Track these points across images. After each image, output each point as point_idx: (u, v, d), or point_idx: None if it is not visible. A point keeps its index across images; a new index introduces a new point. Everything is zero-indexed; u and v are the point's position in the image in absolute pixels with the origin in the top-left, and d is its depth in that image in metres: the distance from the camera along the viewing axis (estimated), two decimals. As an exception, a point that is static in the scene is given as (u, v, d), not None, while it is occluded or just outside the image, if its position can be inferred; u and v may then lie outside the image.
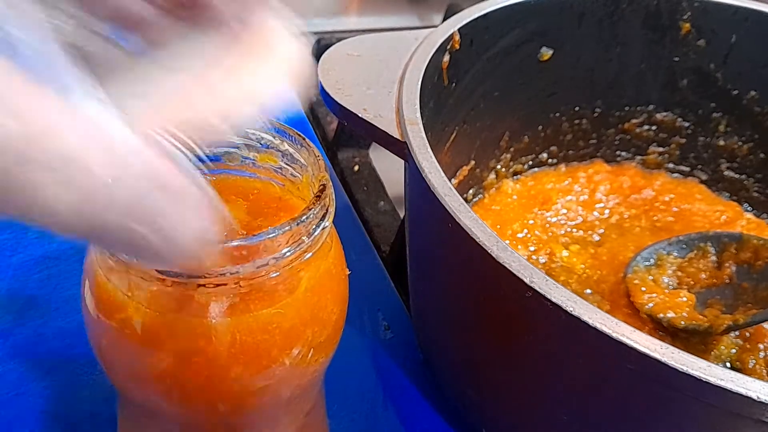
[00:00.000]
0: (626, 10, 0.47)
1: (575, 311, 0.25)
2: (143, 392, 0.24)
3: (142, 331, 0.22)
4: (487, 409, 0.37)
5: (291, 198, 0.26)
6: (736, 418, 0.25)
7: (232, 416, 0.25)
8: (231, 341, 0.22)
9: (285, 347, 0.24)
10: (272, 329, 0.23)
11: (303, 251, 0.22)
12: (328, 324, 0.26)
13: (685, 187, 0.53)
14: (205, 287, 0.21)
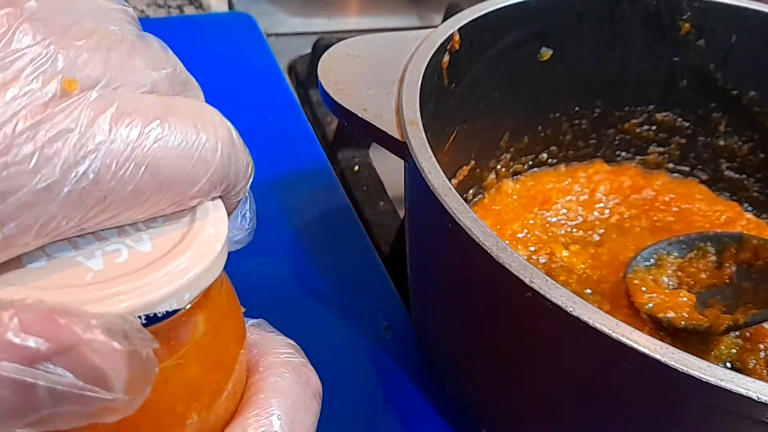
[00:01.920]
0: (626, 10, 0.47)
1: (575, 311, 0.25)
2: None
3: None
4: (487, 409, 0.37)
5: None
6: (737, 419, 0.25)
7: None
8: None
9: (191, 399, 0.21)
10: (173, 384, 0.20)
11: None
12: (230, 366, 0.22)
13: (685, 187, 0.53)
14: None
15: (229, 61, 0.67)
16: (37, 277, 0.18)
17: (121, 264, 0.18)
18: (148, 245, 0.19)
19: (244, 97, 0.61)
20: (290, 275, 0.46)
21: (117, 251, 0.19)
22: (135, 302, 0.18)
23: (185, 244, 0.19)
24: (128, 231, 0.19)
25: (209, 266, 0.19)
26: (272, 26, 0.79)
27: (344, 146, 0.60)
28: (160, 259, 0.19)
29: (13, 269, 0.18)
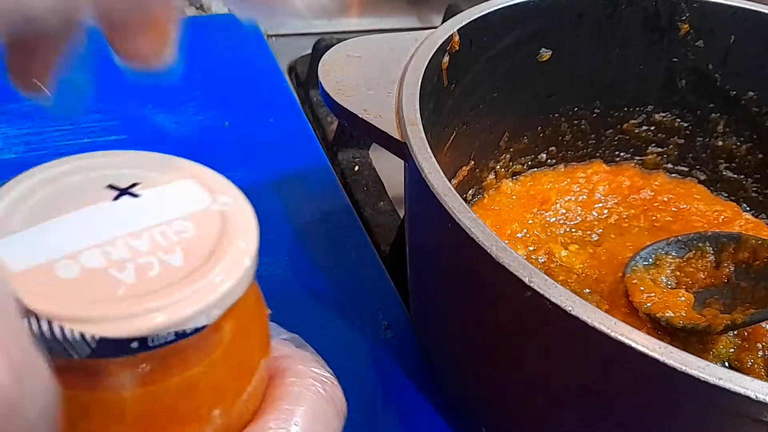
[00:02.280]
0: (625, 11, 0.47)
1: (574, 311, 0.25)
2: None
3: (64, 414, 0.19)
4: (487, 409, 0.37)
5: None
6: (735, 418, 0.25)
7: None
8: (158, 410, 0.20)
9: (216, 403, 0.21)
10: (199, 389, 0.20)
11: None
12: (251, 370, 0.23)
13: (683, 187, 0.53)
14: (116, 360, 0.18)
15: (230, 62, 0.67)
16: (70, 289, 0.18)
17: (152, 278, 0.18)
18: (179, 258, 0.19)
19: (244, 97, 0.61)
20: (290, 275, 0.47)
21: (149, 264, 0.19)
22: (165, 319, 0.18)
23: (216, 259, 0.19)
24: (160, 242, 0.19)
25: (238, 282, 0.19)
26: (272, 27, 0.79)
27: (344, 146, 0.60)
28: (191, 274, 0.19)
29: (45, 280, 0.18)
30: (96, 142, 0.54)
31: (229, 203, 0.21)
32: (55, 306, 0.17)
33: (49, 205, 0.20)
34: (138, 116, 0.56)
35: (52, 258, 0.18)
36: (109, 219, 0.20)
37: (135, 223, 0.20)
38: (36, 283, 0.18)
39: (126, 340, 0.17)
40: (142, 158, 0.22)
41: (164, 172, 0.22)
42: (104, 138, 0.55)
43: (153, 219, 0.20)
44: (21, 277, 0.18)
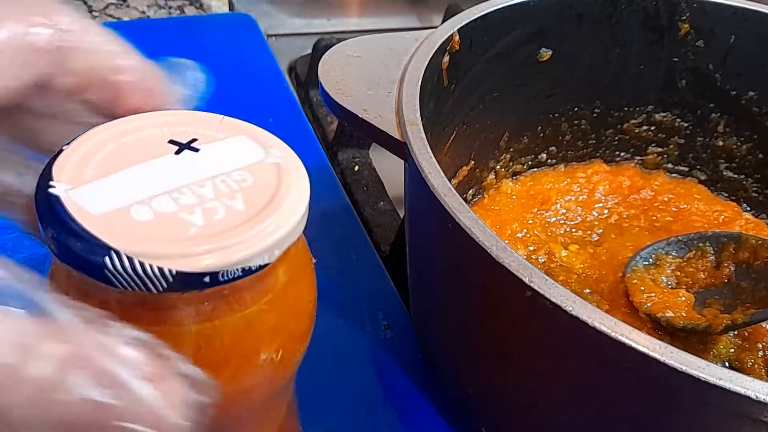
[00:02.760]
0: (625, 11, 0.47)
1: (574, 311, 0.25)
2: None
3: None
4: (487, 409, 0.37)
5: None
6: (735, 418, 0.25)
7: (221, 420, 0.23)
8: (220, 345, 0.22)
9: (273, 342, 0.23)
10: (260, 326, 0.23)
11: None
12: (306, 314, 0.25)
13: (683, 187, 0.53)
14: (179, 296, 0.20)
15: (230, 61, 0.67)
16: (145, 230, 0.19)
17: (219, 220, 0.20)
18: (241, 204, 0.21)
19: (244, 97, 0.61)
20: (290, 275, 0.46)
21: (215, 208, 0.21)
22: (234, 257, 0.20)
23: (275, 205, 0.21)
24: (223, 189, 0.21)
25: (295, 226, 0.21)
26: (273, 27, 0.79)
27: (344, 146, 0.60)
28: (253, 218, 0.20)
29: (122, 222, 0.19)
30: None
31: (281, 156, 0.23)
32: (135, 244, 0.19)
33: (116, 159, 0.21)
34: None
35: (127, 203, 0.20)
36: (173, 170, 0.21)
37: (197, 173, 0.22)
38: (114, 226, 0.19)
39: (200, 275, 0.19)
40: (197, 117, 0.24)
41: (219, 129, 0.24)
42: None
43: (214, 170, 0.22)
44: (99, 220, 0.19)
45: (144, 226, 0.20)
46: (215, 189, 0.21)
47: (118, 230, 0.19)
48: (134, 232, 0.19)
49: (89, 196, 0.20)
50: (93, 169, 0.21)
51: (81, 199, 0.20)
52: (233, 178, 0.22)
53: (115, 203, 0.20)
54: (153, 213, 0.20)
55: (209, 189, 0.21)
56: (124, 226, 0.19)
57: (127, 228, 0.19)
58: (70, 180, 0.20)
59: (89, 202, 0.20)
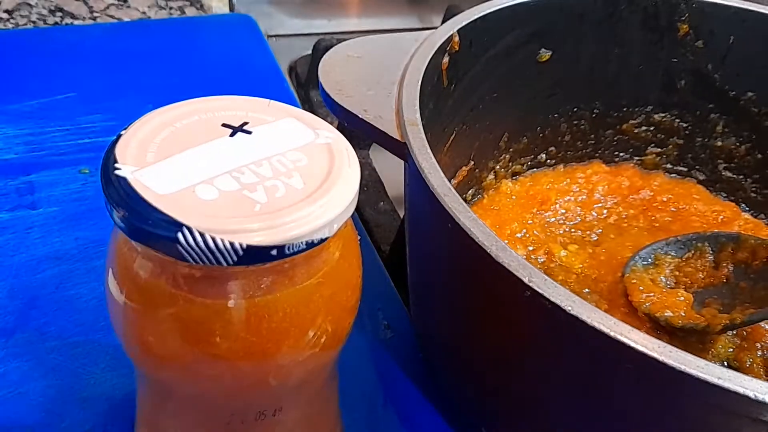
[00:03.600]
0: (625, 12, 0.48)
1: (573, 310, 0.25)
2: (191, 382, 0.25)
3: (183, 319, 0.22)
4: (487, 409, 0.37)
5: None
6: (734, 417, 0.25)
7: (279, 389, 0.26)
8: (282, 316, 0.23)
9: (328, 314, 0.25)
10: (316, 298, 0.24)
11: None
12: (357, 286, 0.27)
13: (682, 187, 0.53)
14: (245, 269, 0.22)
15: (230, 62, 0.67)
16: (212, 207, 0.21)
17: (280, 197, 0.21)
18: (300, 182, 0.22)
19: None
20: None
21: (275, 186, 0.22)
22: (299, 231, 0.21)
23: (331, 182, 0.22)
24: (280, 168, 0.22)
25: (351, 202, 0.22)
26: (273, 27, 0.79)
27: (344, 147, 0.60)
28: (312, 194, 0.22)
29: (189, 200, 0.21)
30: (96, 141, 0.54)
31: (331, 137, 0.24)
32: (205, 221, 0.20)
33: (174, 142, 0.22)
34: (138, 116, 0.56)
35: (191, 183, 0.21)
36: (230, 152, 0.23)
37: (254, 154, 0.23)
38: (182, 204, 0.20)
39: (268, 248, 0.20)
40: (245, 101, 0.25)
41: (268, 113, 0.25)
42: (104, 138, 0.55)
43: (268, 151, 0.23)
44: (167, 198, 0.20)
45: (210, 204, 0.21)
46: (273, 168, 0.22)
47: (187, 208, 0.20)
48: (202, 209, 0.20)
49: (154, 176, 0.21)
50: (153, 151, 0.22)
51: (147, 180, 0.21)
52: (288, 157, 0.23)
53: (180, 183, 0.21)
54: (217, 192, 0.21)
55: (267, 168, 0.22)
56: (192, 204, 0.20)
57: (194, 206, 0.20)
58: (134, 162, 0.21)
59: (155, 183, 0.21)
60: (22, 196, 0.49)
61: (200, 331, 0.23)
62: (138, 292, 0.23)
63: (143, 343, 0.24)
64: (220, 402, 0.26)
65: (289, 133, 0.24)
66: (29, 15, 0.69)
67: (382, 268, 0.48)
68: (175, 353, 0.23)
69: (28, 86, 0.59)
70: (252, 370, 0.24)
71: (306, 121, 0.25)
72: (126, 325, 0.24)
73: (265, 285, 0.22)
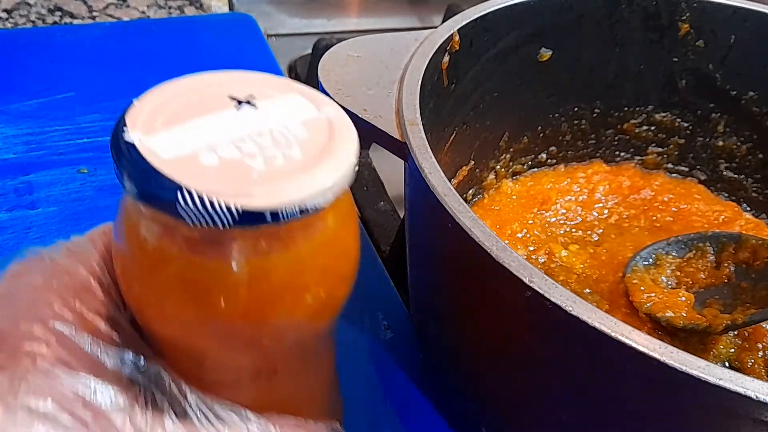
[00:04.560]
0: (625, 11, 0.47)
1: (574, 311, 0.25)
2: (191, 338, 0.26)
3: (183, 278, 0.24)
4: (487, 409, 0.37)
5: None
6: (735, 418, 0.25)
7: (273, 352, 0.27)
8: (276, 279, 0.24)
9: (322, 281, 0.26)
10: (311, 265, 0.25)
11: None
12: (351, 258, 0.27)
13: (683, 187, 0.53)
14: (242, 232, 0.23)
15: (230, 61, 0.67)
16: (213, 173, 0.22)
17: (279, 166, 0.23)
18: (298, 153, 0.23)
19: (244, 97, 0.61)
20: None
21: (274, 156, 0.23)
22: (294, 197, 0.22)
23: (328, 154, 0.23)
24: (281, 140, 0.24)
25: (347, 173, 0.23)
26: (273, 27, 0.79)
27: (344, 146, 0.60)
28: (309, 165, 0.23)
29: (192, 165, 0.22)
30: (96, 141, 0.54)
31: (332, 113, 0.25)
32: (203, 184, 0.21)
33: (183, 112, 0.24)
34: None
35: (194, 150, 0.22)
36: (234, 123, 0.24)
37: (257, 126, 0.24)
38: (184, 168, 0.22)
39: (262, 212, 0.21)
40: (253, 76, 0.26)
41: (274, 87, 0.26)
42: (104, 138, 0.55)
43: (271, 123, 0.24)
44: (171, 162, 0.22)
45: (211, 170, 0.22)
46: (274, 140, 0.24)
47: (188, 172, 0.22)
48: (202, 173, 0.22)
49: (160, 143, 0.22)
50: (162, 120, 0.23)
51: (153, 146, 0.22)
52: (290, 130, 0.24)
53: (184, 149, 0.22)
54: (219, 159, 0.22)
55: (268, 139, 0.24)
56: (193, 168, 0.22)
57: (196, 170, 0.22)
58: (143, 129, 0.23)
59: (161, 148, 0.22)
60: (20, 196, 0.49)
61: (199, 290, 0.24)
62: (142, 254, 0.24)
63: (147, 303, 0.25)
64: (217, 361, 0.27)
65: (292, 108, 0.25)
66: (28, 14, 0.69)
67: (382, 268, 0.48)
68: (176, 311, 0.25)
69: (27, 86, 0.59)
70: (247, 329, 0.25)
71: (310, 97, 0.26)
72: (131, 286, 0.26)
73: (261, 248, 0.23)
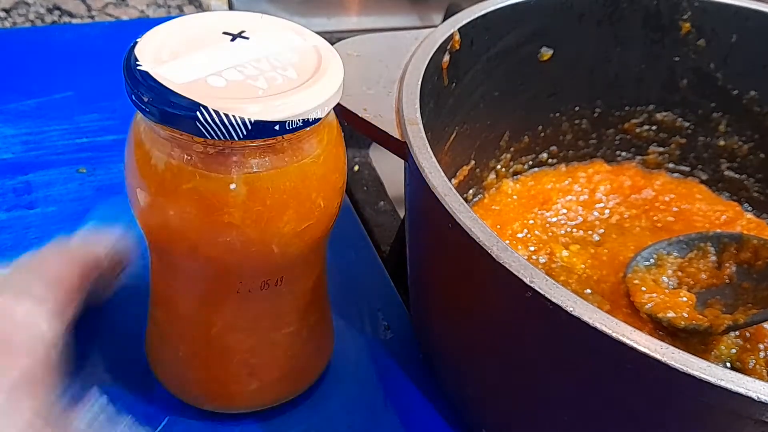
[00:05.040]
0: (626, 10, 0.47)
1: (575, 311, 0.25)
2: (209, 249, 0.28)
3: (200, 192, 0.27)
4: (487, 409, 0.37)
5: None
6: (736, 418, 0.25)
7: (280, 258, 0.30)
8: (283, 188, 0.27)
9: (320, 191, 0.29)
10: (310, 176, 0.28)
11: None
12: (343, 171, 0.31)
13: (685, 187, 0.53)
14: (253, 147, 0.26)
15: (229, 60, 0.67)
16: (222, 92, 0.25)
17: (279, 85, 0.26)
18: (294, 74, 0.27)
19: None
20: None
21: (274, 77, 0.26)
22: (297, 110, 0.25)
23: (320, 74, 0.27)
24: (277, 64, 0.27)
25: (338, 89, 0.27)
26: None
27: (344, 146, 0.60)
28: (305, 82, 0.26)
29: (202, 87, 0.25)
30: (95, 141, 0.54)
31: (317, 41, 0.29)
32: (218, 102, 0.24)
33: (184, 46, 0.27)
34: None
35: (202, 75, 0.25)
36: (232, 52, 0.27)
37: (253, 54, 0.27)
38: (197, 90, 0.25)
39: (272, 123, 0.25)
40: (241, 15, 0.29)
41: (263, 23, 0.29)
42: (103, 137, 0.54)
43: (265, 51, 0.27)
44: (184, 86, 0.25)
45: (221, 90, 0.25)
46: (270, 64, 0.27)
47: (202, 93, 0.24)
48: (214, 94, 0.25)
49: (170, 71, 0.25)
50: (167, 53, 0.26)
51: (165, 73, 0.25)
52: (282, 56, 0.27)
53: (193, 75, 0.25)
54: (225, 81, 0.25)
55: (265, 64, 0.27)
56: (205, 90, 0.25)
57: (207, 91, 0.25)
58: (152, 61, 0.26)
59: (172, 75, 0.25)
60: (19, 196, 0.49)
61: (214, 201, 0.27)
62: (158, 175, 0.27)
63: (166, 221, 0.28)
64: (231, 270, 0.30)
65: (280, 38, 0.28)
66: (27, 14, 0.69)
67: (382, 268, 0.48)
68: (193, 224, 0.28)
69: (25, 85, 0.59)
70: (258, 237, 0.28)
71: (294, 29, 0.29)
72: (150, 208, 0.28)
73: (267, 161, 0.27)
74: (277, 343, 0.35)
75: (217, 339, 0.33)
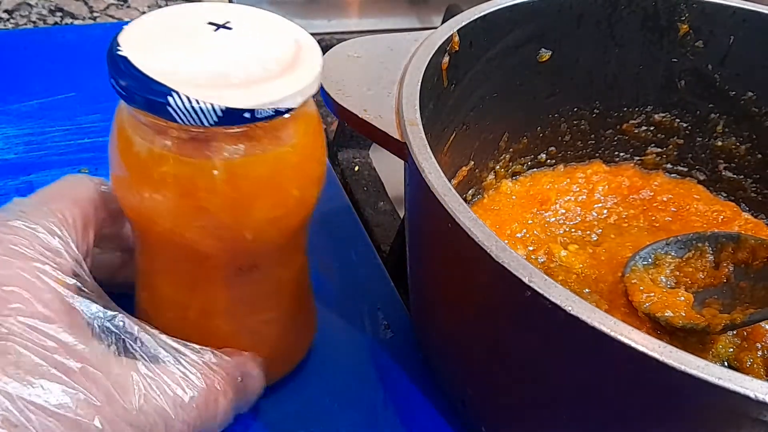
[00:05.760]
0: (624, 12, 0.48)
1: (574, 310, 0.25)
2: (183, 231, 0.29)
3: (174, 176, 0.27)
4: (487, 409, 0.37)
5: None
6: (734, 417, 0.25)
7: (254, 245, 0.30)
8: (256, 176, 0.28)
9: (295, 180, 0.30)
10: (285, 165, 0.29)
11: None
12: (322, 161, 0.32)
13: (683, 187, 0.53)
14: (228, 133, 0.27)
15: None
16: (196, 80, 0.25)
17: (255, 75, 0.26)
18: (272, 64, 0.27)
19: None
20: (291, 275, 0.46)
21: (252, 67, 0.27)
22: (268, 98, 0.26)
23: (297, 65, 0.28)
24: (255, 55, 0.27)
25: (313, 81, 0.28)
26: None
27: (344, 146, 0.60)
28: (280, 73, 0.27)
29: (178, 74, 0.25)
30: (96, 141, 0.54)
31: (299, 33, 0.30)
32: (190, 88, 0.25)
33: (168, 34, 0.28)
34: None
35: (180, 62, 0.26)
36: (214, 42, 0.28)
37: (233, 43, 0.28)
38: (173, 76, 0.25)
39: (241, 111, 0.25)
40: (228, 7, 0.30)
41: (246, 15, 0.30)
42: (105, 138, 0.54)
43: (246, 42, 0.28)
44: (161, 73, 0.25)
45: (196, 77, 0.25)
46: (250, 54, 0.27)
47: (176, 79, 0.25)
48: (188, 80, 0.25)
49: (149, 57, 0.26)
50: (149, 41, 0.27)
51: (143, 59, 0.26)
52: (262, 47, 0.28)
53: (171, 62, 0.26)
54: (202, 69, 0.26)
55: (245, 54, 0.27)
56: (180, 76, 0.25)
57: (182, 78, 0.25)
58: (134, 47, 0.26)
59: (150, 62, 0.26)
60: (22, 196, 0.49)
61: (189, 186, 0.27)
62: (137, 159, 0.28)
63: (143, 203, 0.29)
64: (205, 254, 0.30)
65: (264, 30, 0.29)
66: (29, 15, 0.69)
67: (382, 268, 0.48)
68: (169, 208, 0.28)
69: (28, 86, 0.59)
70: (231, 222, 0.29)
71: (278, 22, 0.30)
72: (129, 190, 0.29)
73: (241, 148, 0.27)
74: (255, 331, 0.35)
75: (195, 323, 0.34)
